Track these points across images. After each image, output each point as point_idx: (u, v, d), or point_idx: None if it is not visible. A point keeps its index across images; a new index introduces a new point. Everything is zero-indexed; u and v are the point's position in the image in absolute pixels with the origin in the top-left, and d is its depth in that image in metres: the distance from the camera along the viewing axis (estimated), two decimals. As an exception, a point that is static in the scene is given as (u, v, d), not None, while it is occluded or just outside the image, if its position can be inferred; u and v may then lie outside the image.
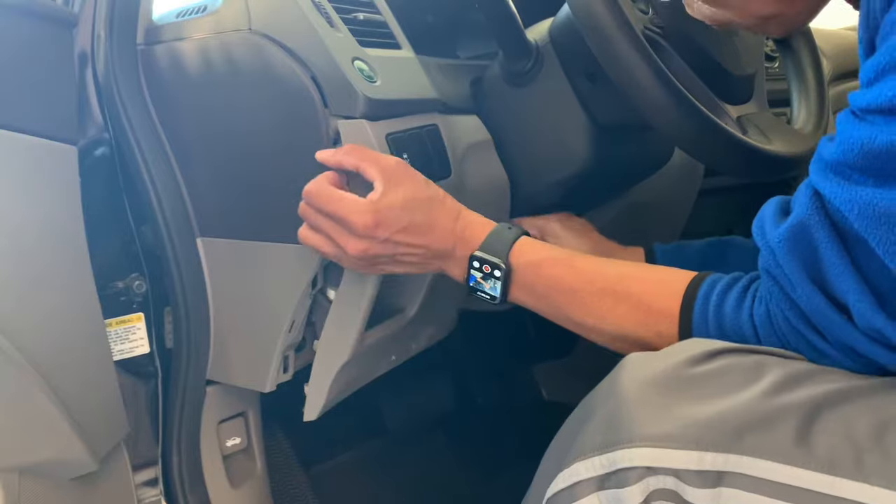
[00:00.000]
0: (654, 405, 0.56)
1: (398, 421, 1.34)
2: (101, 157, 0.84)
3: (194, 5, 0.85)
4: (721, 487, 0.53)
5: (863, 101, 0.51)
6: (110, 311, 0.83)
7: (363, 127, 0.76)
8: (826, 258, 0.55)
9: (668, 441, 0.54)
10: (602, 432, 0.57)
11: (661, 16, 0.83)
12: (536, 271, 0.74)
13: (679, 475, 0.54)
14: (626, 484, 0.55)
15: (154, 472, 0.90)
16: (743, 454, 0.52)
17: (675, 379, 0.58)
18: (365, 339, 0.85)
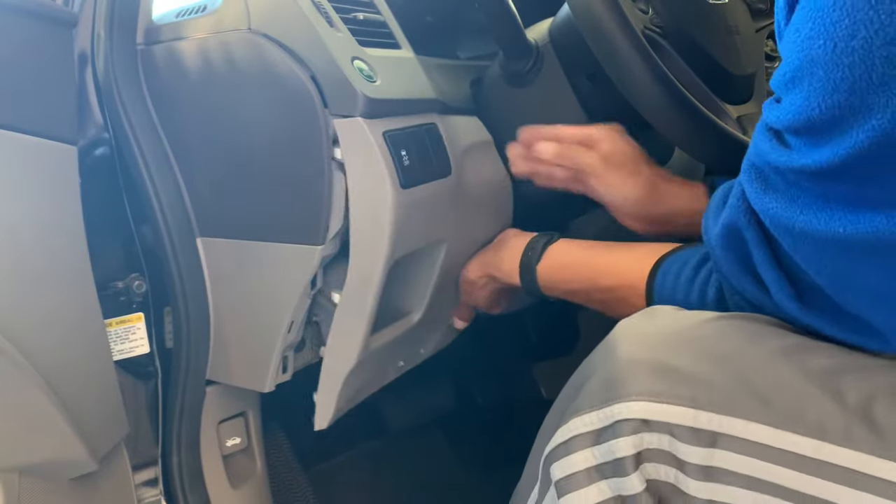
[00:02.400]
0: (653, 363, 0.57)
1: (398, 421, 1.34)
2: (101, 157, 0.84)
3: (194, 5, 0.85)
4: (715, 449, 0.54)
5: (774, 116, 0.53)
6: (110, 311, 0.83)
7: (359, 125, 0.76)
8: (754, 255, 0.59)
9: (664, 396, 0.55)
10: (600, 389, 0.59)
11: (660, 16, 0.83)
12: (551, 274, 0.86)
13: (673, 431, 0.55)
14: (621, 434, 0.56)
15: (154, 472, 0.90)
16: (737, 416, 0.53)
17: (674, 339, 0.59)
18: (371, 343, 0.84)
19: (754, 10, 0.94)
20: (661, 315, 0.63)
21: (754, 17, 0.93)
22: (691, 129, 0.76)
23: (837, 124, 0.47)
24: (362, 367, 0.85)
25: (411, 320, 0.91)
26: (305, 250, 0.80)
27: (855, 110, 0.46)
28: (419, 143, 0.81)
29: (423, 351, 1.00)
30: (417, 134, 0.82)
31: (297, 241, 0.81)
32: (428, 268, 0.89)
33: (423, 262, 0.88)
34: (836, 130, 0.47)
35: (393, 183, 0.76)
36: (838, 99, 0.46)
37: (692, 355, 0.57)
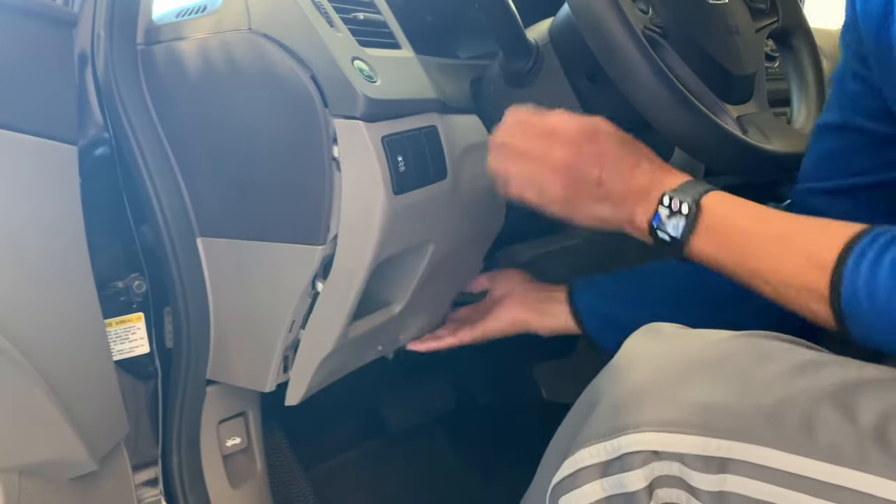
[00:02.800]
0: (660, 391, 0.56)
1: (398, 421, 1.34)
2: (101, 157, 0.84)
3: (194, 5, 0.85)
4: (726, 474, 0.53)
5: None
6: (110, 311, 0.83)
7: (359, 128, 0.76)
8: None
9: (674, 426, 0.54)
10: (607, 419, 0.58)
11: (660, 16, 0.83)
12: (716, 212, 0.69)
13: (684, 460, 0.54)
14: (631, 468, 0.55)
15: (154, 472, 0.90)
16: (748, 442, 0.53)
17: (682, 363, 0.58)
18: (349, 332, 0.85)
19: (754, 10, 0.94)
20: (668, 335, 0.61)
21: (754, 17, 0.93)
22: (691, 129, 0.76)
23: None
24: (338, 352, 0.86)
25: (392, 311, 0.91)
26: (306, 250, 0.80)
27: None
28: (417, 148, 0.81)
29: (402, 337, 1.00)
30: (416, 138, 0.82)
31: (298, 241, 0.81)
32: (413, 265, 0.89)
33: (409, 259, 0.88)
34: None
35: (386, 189, 0.76)
36: None
37: (701, 379, 0.56)
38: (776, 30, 0.95)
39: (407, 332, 1.00)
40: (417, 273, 0.89)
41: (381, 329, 0.91)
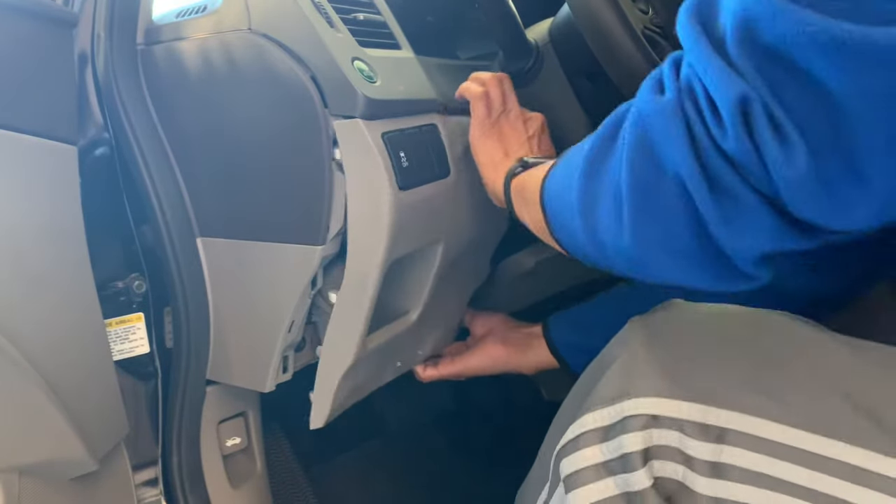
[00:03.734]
0: (664, 360, 0.58)
1: (398, 421, 1.34)
2: (101, 157, 0.84)
3: (194, 5, 0.85)
4: (723, 444, 0.54)
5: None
6: (110, 311, 0.83)
7: (358, 126, 0.76)
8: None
9: (674, 392, 0.55)
10: (612, 386, 0.59)
11: (660, 16, 0.83)
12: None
13: (683, 427, 0.55)
14: (629, 431, 0.56)
15: (154, 472, 0.90)
16: (747, 413, 0.53)
17: (687, 335, 0.59)
18: (368, 343, 0.84)
19: (754, 10, 0.94)
20: (676, 309, 0.63)
21: (754, 17, 0.93)
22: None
23: None
24: (359, 367, 0.85)
25: (409, 320, 0.91)
26: (306, 250, 0.80)
27: None
28: (418, 145, 0.81)
29: (420, 352, 1.00)
30: (416, 135, 0.82)
31: (298, 241, 0.81)
32: (425, 268, 0.89)
33: (420, 262, 0.88)
34: None
35: (391, 185, 0.76)
36: None
37: (704, 351, 0.57)
38: (776, 30, 0.95)
39: (424, 347, 1.00)
40: (430, 276, 0.89)
41: (399, 341, 0.91)
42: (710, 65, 0.44)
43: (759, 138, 0.42)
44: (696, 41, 0.46)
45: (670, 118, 0.47)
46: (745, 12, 0.42)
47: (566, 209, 0.58)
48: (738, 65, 0.43)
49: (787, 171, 0.42)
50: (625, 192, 0.50)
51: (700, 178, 0.46)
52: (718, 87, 0.44)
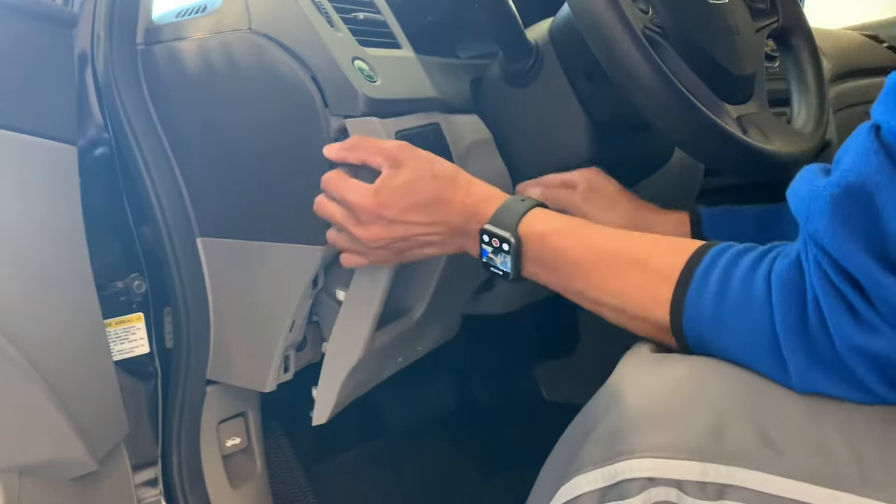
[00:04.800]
0: (657, 415, 0.55)
1: (398, 421, 1.34)
2: (101, 157, 0.84)
3: (194, 5, 0.85)
4: (724, 500, 0.52)
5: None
6: (110, 311, 0.83)
7: (374, 124, 0.76)
8: (889, 209, 0.46)
9: (670, 451, 0.53)
10: (603, 445, 0.56)
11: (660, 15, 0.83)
12: (543, 241, 0.69)
13: (681, 486, 0.53)
14: (628, 496, 0.54)
15: (154, 472, 0.90)
16: (746, 467, 0.51)
17: (680, 388, 0.57)
18: (375, 341, 0.84)
19: (754, 10, 0.94)
20: (660, 360, 0.60)
21: (754, 17, 0.93)
22: (691, 129, 0.76)
23: None
24: (363, 364, 0.86)
25: (413, 318, 0.91)
26: (306, 250, 0.80)
27: None
28: (425, 143, 0.81)
29: (420, 348, 1.00)
30: (423, 134, 0.82)
31: (298, 241, 0.81)
32: (430, 266, 0.89)
33: (425, 260, 0.88)
34: None
35: None
36: None
37: (698, 402, 0.55)
38: (776, 30, 0.95)
39: (425, 343, 1.00)
40: (435, 274, 0.89)
41: (401, 338, 0.91)
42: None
43: None
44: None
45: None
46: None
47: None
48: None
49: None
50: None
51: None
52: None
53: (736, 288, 0.56)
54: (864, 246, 0.47)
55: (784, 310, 0.52)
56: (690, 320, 0.59)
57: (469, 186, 0.74)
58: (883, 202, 0.46)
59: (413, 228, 0.73)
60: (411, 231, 0.73)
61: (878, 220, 0.47)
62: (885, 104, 0.48)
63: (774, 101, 0.92)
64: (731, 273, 0.57)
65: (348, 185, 0.74)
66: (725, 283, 0.56)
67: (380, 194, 0.72)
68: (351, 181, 0.74)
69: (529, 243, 0.69)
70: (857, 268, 0.48)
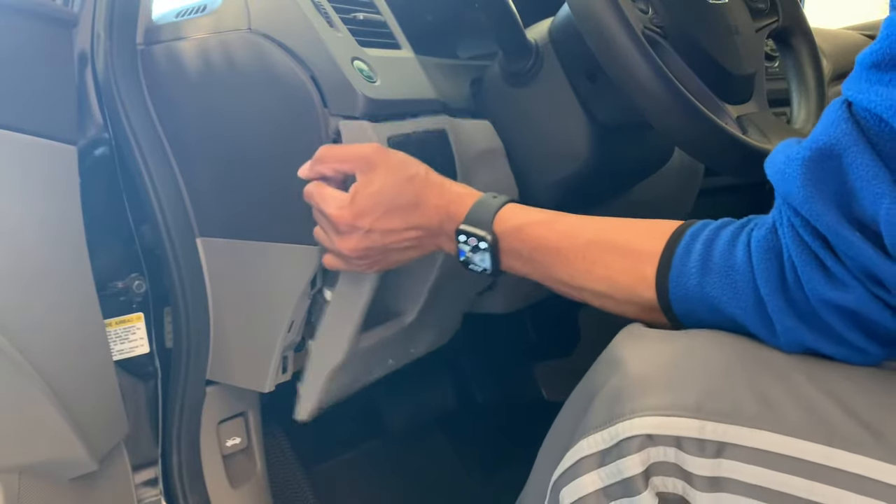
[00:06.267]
0: (656, 376, 0.56)
1: (398, 421, 1.34)
2: (101, 157, 0.84)
3: (194, 5, 0.85)
4: (721, 458, 0.53)
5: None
6: (110, 311, 0.83)
7: (365, 128, 0.76)
8: (854, 169, 0.49)
9: (668, 409, 0.54)
10: (605, 408, 0.57)
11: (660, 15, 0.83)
12: (520, 235, 0.69)
13: (680, 444, 0.54)
14: (627, 454, 0.55)
15: (154, 472, 0.90)
16: (744, 425, 0.52)
17: (677, 351, 0.58)
18: (360, 342, 0.84)
19: (754, 9, 0.94)
20: (663, 332, 0.61)
21: (754, 16, 0.93)
22: (691, 129, 0.76)
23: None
24: (349, 365, 0.86)
25: (403, 322, 0.91)
26: (306, 250, 0.80)
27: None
28: (424, 150, 0.80)
29: (413, 350, 1.00)
30: (424, 140, 0.81)
31: (298, 241, 0.81)
32: (425, 271, 0.88)
33: (419, 266, 0.88)
34: None
35: None
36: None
37: (695, 365, 0.56)
38: (776, 30, 0.95)
39: (418, 346, 1.00)
40: (428, 282, 0.89)
41: (391, 341, 0.91)
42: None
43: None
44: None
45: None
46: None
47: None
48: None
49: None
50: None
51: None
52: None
53: (718, 258, 0.58)
54: (833, 205, 0.50)
55: (765, 273, 0.55)
56: (677, 295, 0.61)
57: (441, 186, 0.74)
58: (849, 163, 0.49)
59: (389, 236, 0.74)
60: (388, 239, 0.74)
61: (845, 181, 0.49)
62: (852, 79, 0.50)
63: (774, 101, 0.92)
64: (711, 245, 0.59)
65: (325, 194, 0.74)
66: (707, 256, 0.59)
67: (355, 204, 0.73)
68: (328, 191, 0.74)
69: (506, 238, 0.70)
70: (826, 226, 0.50)
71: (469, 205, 0.72)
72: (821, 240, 0.52)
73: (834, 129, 0.50)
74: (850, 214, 0.50)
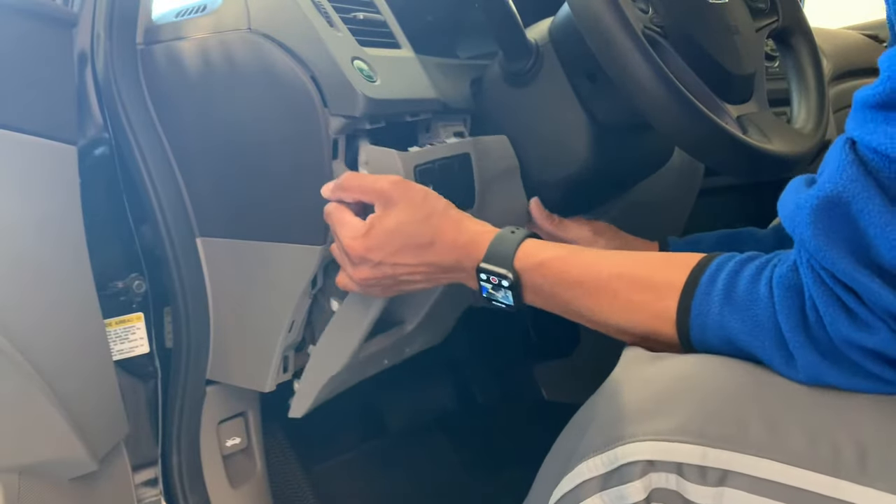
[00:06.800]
0: (657, 401, 0.56)
1: (398, 421, 1.34)
2: (101, 157, 0.84)
3: (194, 5, 0.85)
4: (724, 487, 0.52)
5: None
6: (110, 311, 0.83)
7: (393, 157, 0.76)
8: (866, 216, 0.48)
9: (670, 434, 0.53)
10: (604, 431, 0.57)
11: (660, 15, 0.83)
12: (541, 271, 0.70)
13: (681, 471, 0.53)
14: (629, 479, 0.54)
15: (154, 472, 0.90)
16: (748, 453, 0.52)
17: (680, 378, 0.57)
18: (361, 351, 0.85)
19: (754, 9, 0.94)
20: (659, 358, 0.61)
21: (754, 16, 0.93)
22: (691, 129, 0.76)
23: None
24: (347, 370, 0.86)
25: (404, 330, 0.91)
26: (306, 250, 0.80)
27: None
28: (448, 177, 0.81)
29: (408, 350, 1.00)
30: (449, 166, 0.82)
31: (298, 241, 0.81)
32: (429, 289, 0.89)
33: None
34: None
35: None
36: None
37: (700, 388, 0.55)
38: (776, 29, 0.95)
39: (412, 347, 1.00)
40: (433, 294, 0.89)
41: (390, 346, 0.92)
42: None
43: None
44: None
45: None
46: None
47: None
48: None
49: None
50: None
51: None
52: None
53: (741, 291, 0.57)
54: (847, 252, 0.50)
55: (786, 310, 0.54)
56: (697, 325, 0.60)
57: (459, 224, 0.74)
58: (859, 210, 0.49)
59: (400, 269, 0.74)
60: (399, 271, 0.74)
61: (857, 227, 0.49)
62: (855, 120, 0.50)
63: (774, 101, 0.92)
64: (736, 278, 0.58)
65: (343, 220, 0.75)
66: (731, 287, 0.58)
67: (368, 237, 0.73)
68: (346, 216, 0.75)
69: (527, 275, 0.70)
70: (843, 273, 0.50)
71: (488, 242, 0.72)
72: (842, 285, 0.51)
73: (840, 175, 0.49)
74: (866, 260, 0.50)
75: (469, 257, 0.73)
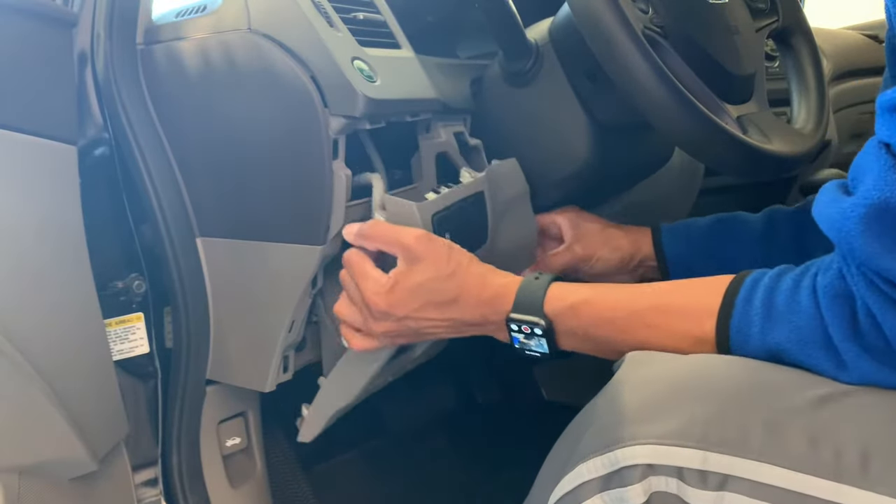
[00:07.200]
0: (658, 403, 0.56)
1: (398, 421, 1.34)
2: (101, 157, 0.84)
3: (194, 5, 0.85)
4: (724, 491, 0.52)
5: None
6: (110, 311, 0.83)
7: (411, 209, 0.76)
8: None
9: (671, 438, 0.53)
10: (605, 433, 0.57)
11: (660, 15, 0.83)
12: (574, 314, 0.70)
13: (682, 475, 0.53)
14: (629, 482, 0.54)
15: (154, 472, 0.90)
16: (749, 458, 0.51)
17: (680, 380, 0.57)
18: (370, 384, 0.87)
19: (754, 9, 0.94)
20: (661, 359, 0.61)
21: (754, 16, 0.93)
22: (691, 129, 0.76)
23: None
24: (356, 399, 0.88)
25: (411, 356, 0.92)
26: (306, 250, 0.80)
27: None
28: (463, 220, 0.82)
29: (409, 365, 1.00)
30: (464, 209, 0.82)
31: (298, 241, 0.81)
32: None
33: None
34: None
35: None
36: None
37: (700, 395, 0.55)
38: (776, 29, 0.95)
39: (413, 363, 1.00)
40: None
41: (395, 368, 0.92)
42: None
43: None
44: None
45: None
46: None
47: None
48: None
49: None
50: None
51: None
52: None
53: (781, 305, 0.58)
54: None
55: (836, 319, 0.54)
56: (738, 342, 0.60)
57: (483, 279, 0.73)
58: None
59: (423, 323, 0.74)
60: (422, 325, 0.74)
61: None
62: (886, 125, 0.50)
63: (774, 101, 0.92)
64: (773, 292, 0.59)
65: (366, 272, 0.74)
66: (770, 302, 0.58)
67: (392, 293, 0.72)
68: (368, 268, 0.74)
69: (560, 320, 0.70)
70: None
71: (513, 292, 0.72)
72: (891, 283, 0.51)
73: (884, 181, 0.49)
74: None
75: (496, 312, 0.72)
